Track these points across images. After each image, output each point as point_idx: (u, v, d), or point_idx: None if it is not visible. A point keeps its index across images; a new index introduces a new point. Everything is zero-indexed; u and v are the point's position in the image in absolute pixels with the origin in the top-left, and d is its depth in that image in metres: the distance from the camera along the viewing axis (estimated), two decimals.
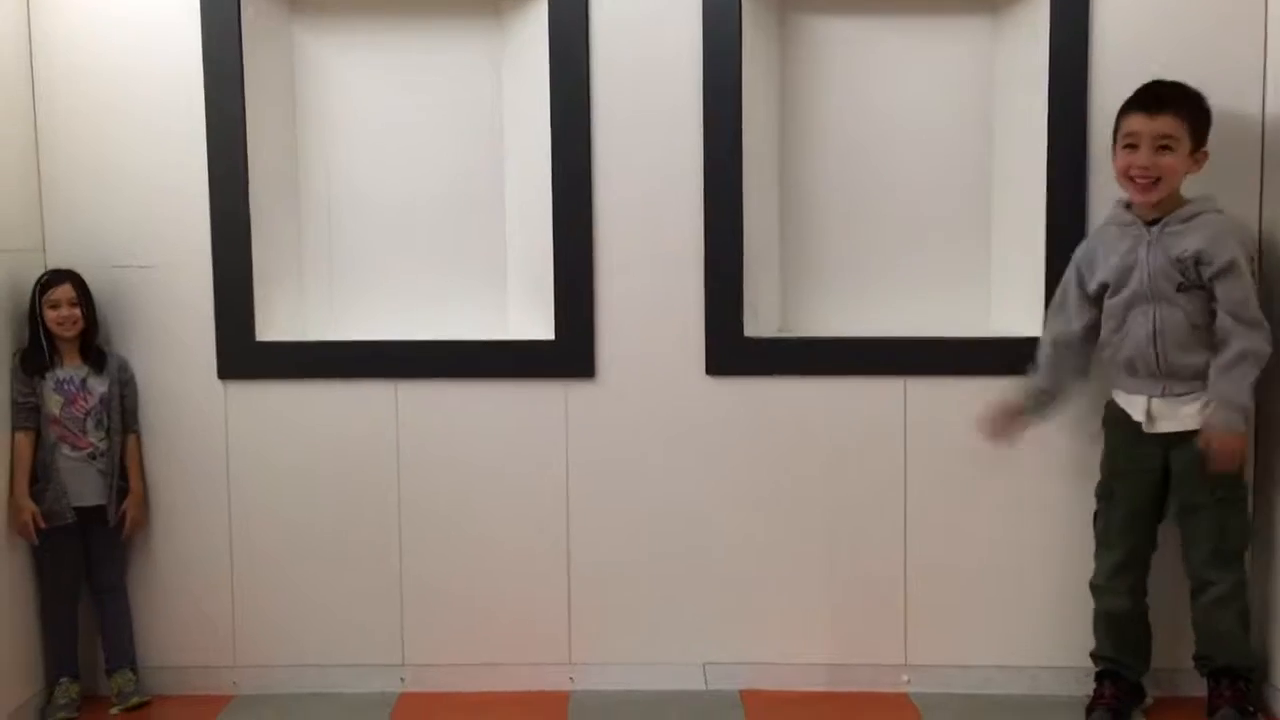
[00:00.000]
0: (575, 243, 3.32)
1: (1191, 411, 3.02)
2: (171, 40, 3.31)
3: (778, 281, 3.44)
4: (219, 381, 3.38)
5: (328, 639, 3.44)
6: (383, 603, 3.42)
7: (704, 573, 3.39)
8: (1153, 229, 3.03)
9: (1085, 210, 3.23)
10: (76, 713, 3.30)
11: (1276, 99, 3.14)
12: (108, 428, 3.31)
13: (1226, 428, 2.95)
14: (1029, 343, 3.23)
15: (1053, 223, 3.24)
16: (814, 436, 3.35)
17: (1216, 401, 2.96)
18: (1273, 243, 3.14)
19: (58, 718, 3.27)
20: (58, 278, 3.26)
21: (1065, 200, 3.23)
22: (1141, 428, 3.08)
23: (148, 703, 3.37)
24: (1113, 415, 3.16)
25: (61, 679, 3.32)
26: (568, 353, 3.36)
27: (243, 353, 3.37)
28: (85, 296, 3.28)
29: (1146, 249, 3.02)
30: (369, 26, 3.44)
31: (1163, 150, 2.97)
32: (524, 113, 3.37)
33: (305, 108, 3.45)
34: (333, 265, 3.49)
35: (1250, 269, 3.01)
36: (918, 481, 3.34)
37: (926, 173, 3.41)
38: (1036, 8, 3.23)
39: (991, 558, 3.34)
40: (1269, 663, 3.17)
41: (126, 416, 3.35)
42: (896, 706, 3.30)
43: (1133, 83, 3.07)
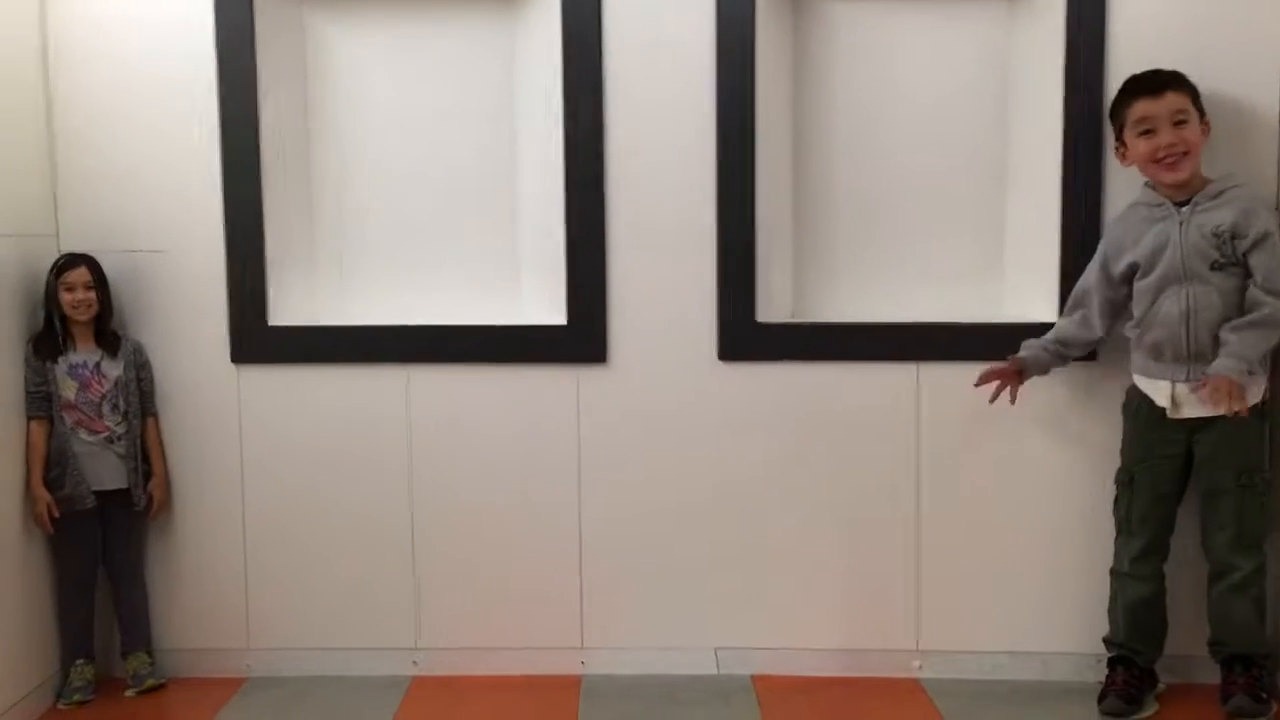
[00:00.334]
0: (588, 228, 3.32)
1: None
2: (185, 25, 3.31)
3: (790, 267, 3.43)
4: (232, 366, 3.39)
5: (341, 623, 3.45)
6: (396, 586, 3.44)
7: (716, 557, 3.39)
8: (1183, 209, 3.02)
9: (1101, 195, 3.21)
10: (92, 695, 3.33)
11: None
12: (124, 411, 3.33)
13: (1225, 371, 2.94)
14: (1043, 329, 3.23)
15: (1068, 208, 3.22)
16: (826, 422, 3.35)
17: (1224, 351, 2.96)
18: None
19: (73, 700, 3.30)
20: (74, 261, 3.27)
21: (1081, 186, 3.21)
22: (1165, 413, 3.07)
23: (163, 685, 3.40)
24: (1134, 401, 3.15)
25: (77, 661, 3.34)
26: (580, 338, 3.35)
27: (256, 337, 3.38)
28: (101, 280, 3.29)
29: (1179, 229, 3.02)
30: (381, 10, 3.44)
31: (1180, 125, 3.01)
32: (536, 96, 3.36)
33: (317, 92, 3.45)
34: (345, 250, 3.49)
35: None
36: (930, 467, 3.33)
37: (941, 157, 3.39)
38: None
39: (1003, 543, 3.34)
40: None
41: (144, 400, 3.37)
42: (908, 692, 3.30)
43: (1150, 66, 3.07)
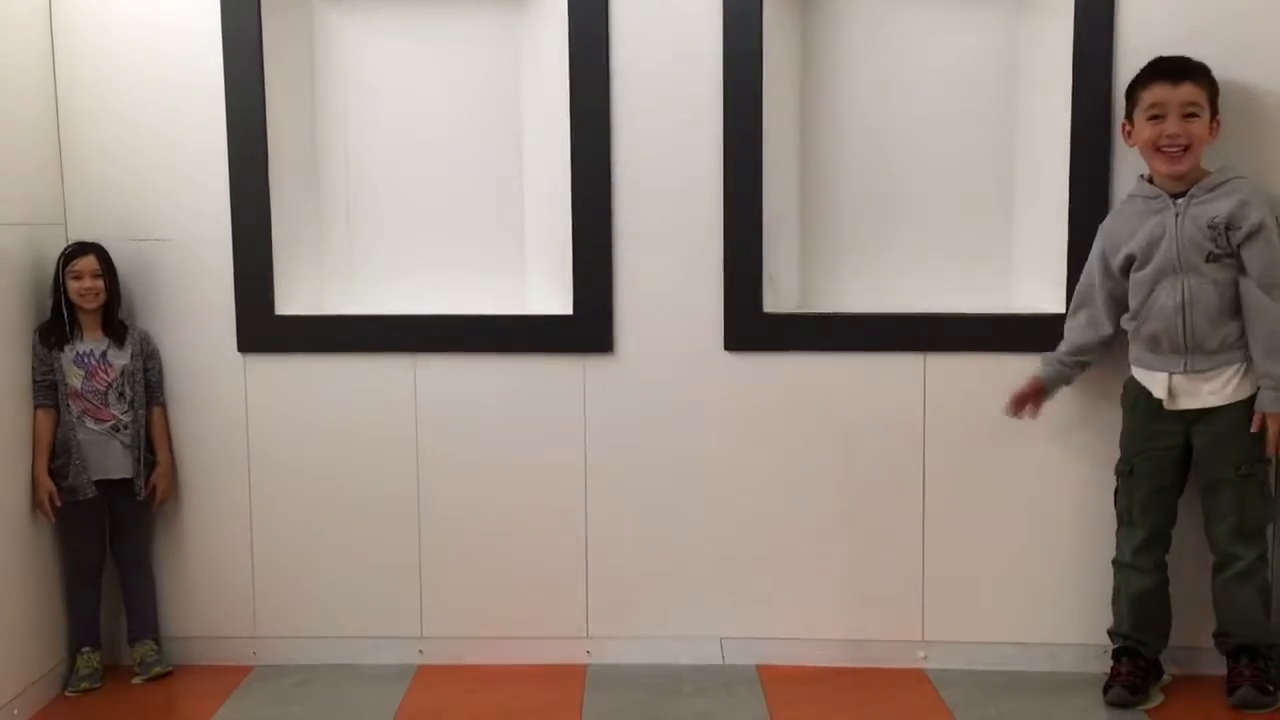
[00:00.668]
0: (594, 218, 3.32)
1: (1214, 388, 3.03)
2: (191, 14, 3.32)
3: (797, 257, 3.42)
4: (239, 355, 3.40)
5: (347, 611, 3.46)
6: (401, 575, 3.44)
7: (721, 547, 3.39)
8: (1179, 201, 3.02)
9: (1108, 186, 3.21)
10: (99, 682, 3.34)
11: None
12: (131, 400, 3.33)
13: (1275, 408, 2.96)
14: (1050, 319, 3.23)
15: (1075, 198, 3.22)
16: (833, 412, 3.35)
17: (1267, 382, 2.97)
18: None
19: (80, 687, 3.31)
20: (82, 249, 3.27)
21: (1088, 176, 3.21)
22: (1162, 405, 3.07)
23: (169, 672, 3.41)
24: (1132, 393, 3.15)
25: (84, 649, 3.36)
26: (586, 328, 3.35)
27: (262, 326, 3.38)
28: (109, 269, 3.30)
29: (1175, 221, 3.01)
30: (388, 1, 3.44)
31: (1190, 118, 3.00)
32: (543, 88, 3.36)
33: (324, 82, 3.45)
34: (352, 239, 3.49)
35: (1279, 233, 2.99)
36: (936, 458, 3.33)
37: (948, 148, 3.38)
38: None
39: (1009, 534, 3.34)
40: None
41: (151, 389, 3.37)
42: (913, 682, 3.30)
43: (1159, 54, 3.06)
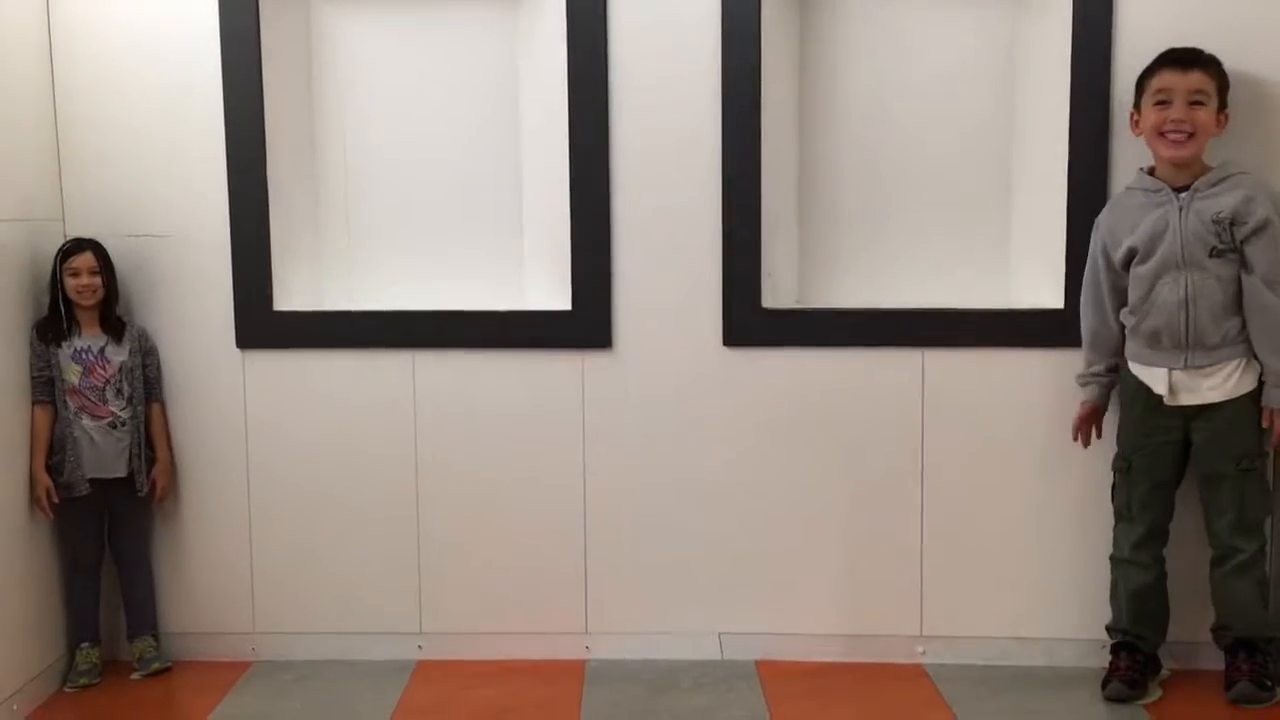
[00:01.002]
0: (592, 214, 3.31)
1: (1214, 384, 3.03)
2: (188, 9, 3.31)
3: (796, 253, 3.42)
4: (237, 351, 3.40)
5: (346, 607, 3.46)
6: (400, 571, 3.44)
7: (720, 543, 3.40)
8: (1182, 195, 3.01)
9: (1107, 183, 3.21)
10: (98, 678, 3.34)
11: None
12: (129, 397, 3.33)
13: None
14: (1049, 315, 3.24)
15: (1074, 195, 3.21)
16: (831, 408, 3.35)
17: (1274, 379, 2.98)
18: None
19: (79, 683, 3.31)
20: (79, 246, 3.27)
21: (1087, 172, 3.20)
22: (1161, 400, 3.06)
23: (168, 668, 3.41)
24: (1129, 389, 3.15)
25: (83, 645, 3.36)
26: (585, 323, 3.35)
27: (261, 322, 3.38)
28: (106, 266, 3.29)
29: (1178, 215, 3.01)
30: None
31: (1196, 105, 3.00)
32: (541, 82, 3.35)
33: (322, 76, 3.45)
34: (350, 235, 3.49)
35: None
36: (935, 453, 3.33)
37: (946, 144, 3.38)
38: None
39: (1008, 529, 3.34)
40: None
41: (150, 386, 3.37)
42: (912, 677, 3.31)
43: (1157, 51, 3.06)
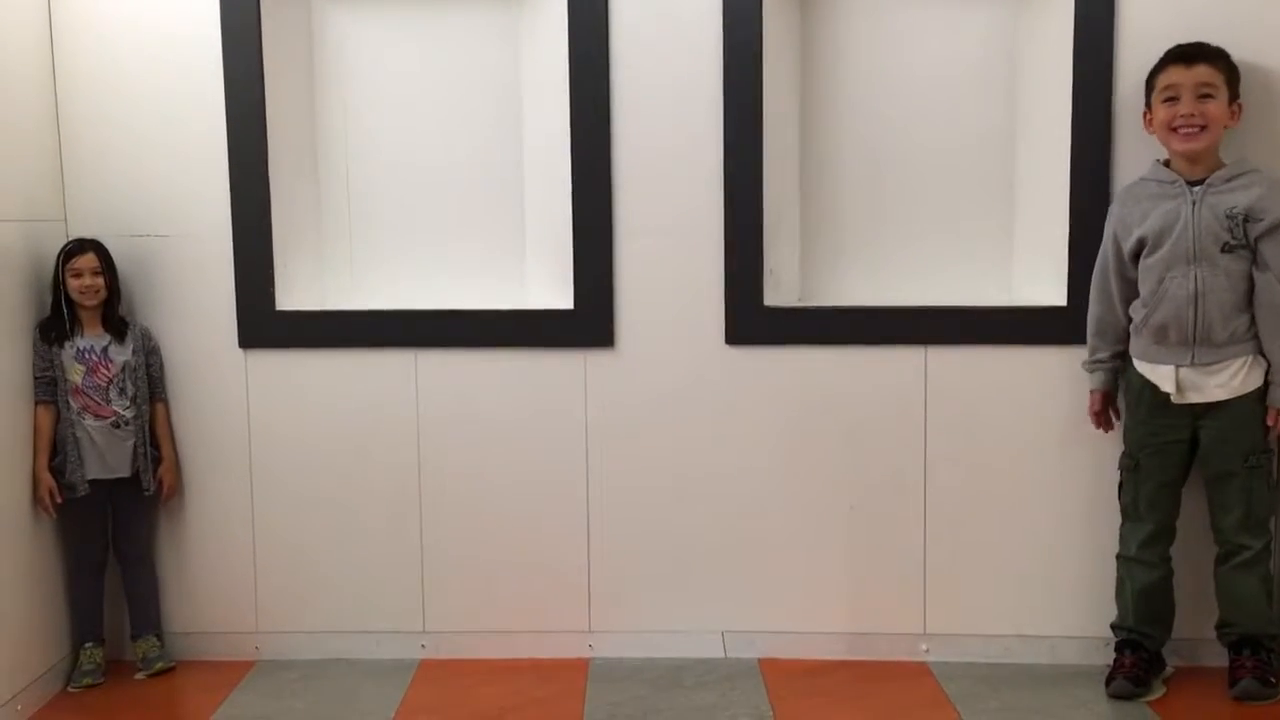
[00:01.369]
0: (594, 212, 3.31)
1: (1220, 381, 3.02)
2: (190, 10, 3.31)
3: (798, 251, 3.42)
4: (240, 350, 3.40)
5: (349, 606, 3.46)
6: (403, 570, 3.44)
7: (723, 541, 3.39)
8: (1195, 189, 3.01)
9: (1109, 178, 3.20)
10: (102, 678, 3.34)
11: None
12: (133, 396, 3.33)
13: None
14: (1052, 312, 3.23)
15: (1076, 191, 3.21)
16: (834, 406, 3.34)
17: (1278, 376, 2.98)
18: None
19: (83, 683, 3.31)
20: (81, 246, 3.27)
21: (1089, 168, 3.20)
22: (1168, 399, 3.06)
23: (172, 668, 3.41)
24: (1135, 387, 3.14)
25: (87, 644, 3.36)
26: (587, 322, 3.35)
27: (263, 322, 3.38)
28: (108, 266, 3.29)
29: (1191, 208, 3.00)
30: None
31: (1205, 99, 3.00)
32: (543, 80, 3.35)
33: (324, 76, 3.44)
34: (352, 234, 3.49)
35: None
36: (938, 451, 3.33)
37: (949, 142, 3.37)
38: None
39: (1011, 527, 3.33)
40: None
41: (153, 385, 3.37)
42: (915, 675, 3.30)
43: (1159, 47, 3.07)
